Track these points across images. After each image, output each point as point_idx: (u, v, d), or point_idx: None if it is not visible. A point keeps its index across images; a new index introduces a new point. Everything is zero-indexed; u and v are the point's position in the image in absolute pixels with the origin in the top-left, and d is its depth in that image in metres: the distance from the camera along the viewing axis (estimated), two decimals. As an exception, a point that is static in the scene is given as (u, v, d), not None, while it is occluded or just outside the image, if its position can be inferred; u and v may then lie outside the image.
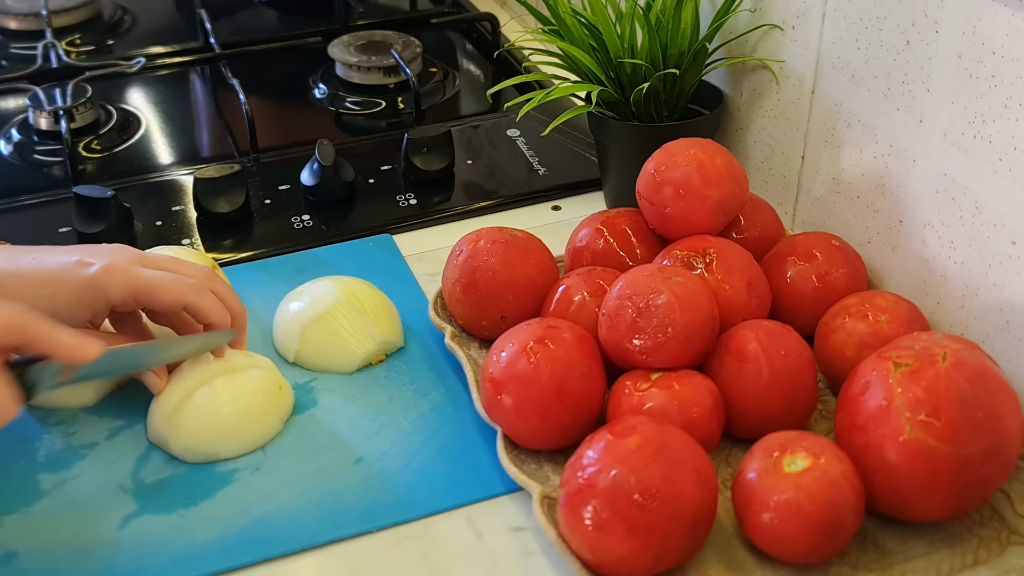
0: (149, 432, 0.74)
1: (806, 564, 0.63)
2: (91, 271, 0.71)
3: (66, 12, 1.36)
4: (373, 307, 0.81)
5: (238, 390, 0.73)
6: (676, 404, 0.68)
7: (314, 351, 0.80)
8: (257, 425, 0.73)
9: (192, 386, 0.73)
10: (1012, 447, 0.62)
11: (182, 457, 0.72)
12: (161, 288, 0.73)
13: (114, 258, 0.72)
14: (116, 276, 0.71)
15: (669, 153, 0.80)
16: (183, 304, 0.73)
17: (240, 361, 0.75)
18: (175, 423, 0.72)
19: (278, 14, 1.42)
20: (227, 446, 0.72)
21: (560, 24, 0.91)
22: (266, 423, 0.74)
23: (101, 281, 0.71)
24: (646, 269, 0.72)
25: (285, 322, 0.82)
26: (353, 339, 0.80)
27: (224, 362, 0.75)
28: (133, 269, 0.72)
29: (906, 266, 0.80)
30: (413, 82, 1.14)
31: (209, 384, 0.73)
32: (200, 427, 0.72)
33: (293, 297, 0.83)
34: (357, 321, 0.80)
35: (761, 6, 0.91)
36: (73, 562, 0.66)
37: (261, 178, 1.03)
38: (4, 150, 1.11)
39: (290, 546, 0.67)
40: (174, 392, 0.73)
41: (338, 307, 0.80)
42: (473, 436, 0.74)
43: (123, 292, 0.71)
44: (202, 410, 0.72)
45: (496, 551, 0.67)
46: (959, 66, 0.72)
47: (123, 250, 0.74)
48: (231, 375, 0.74)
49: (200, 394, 0.73)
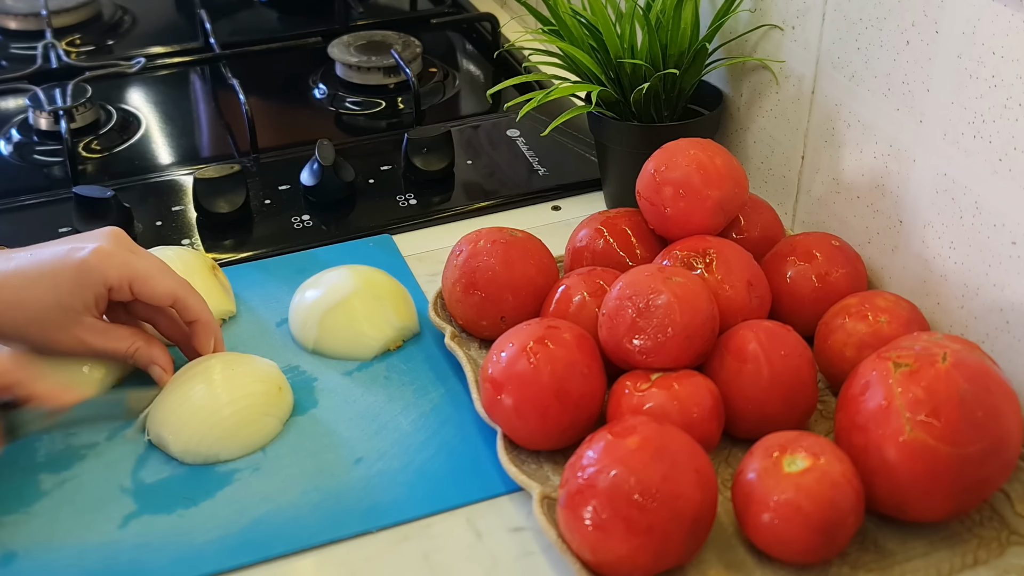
0: (149, 433, 0.74)
1: (806, 564, 0.63)
2: (83, 254, 0.72)
3: (66, 12, 1.36)
4: (389, 294, 0.83)
5: (238, 391, 0.73)
6: (676, 404, 0.68)
7: (333, 339, 0.81)
8: (257, 427, 0.73)
9: (191, 387, 0.73)
10: (1012, 447, 0.62)
11: (182, 459, 0.72)
12: (157, 277, 0.73)
13: (105, 241, 0.73)
14: (110, 259, 0.72)
15: (669, 153, 0.80)
16: (176, 296, 0.74)
17: (240, 361, 0.75)
18: (174, 424, 0.72)
19: (278, 14, 1.42)
20: (227, 448, 0.72)
21: (560, 24, 0.91)
22: (266, 424, 0.74)
23: (94, 262, 0.71)
24: (646, 269, 0.72)
25: (303, 311, 0.82)
26: (371, 326, 0.81)
27: (224, 363, 0.75)
28: (126, 254, 0.73)
29: (906, 266, 0.80)
30: (413, 82, 1.14)
31: (208, 385, 0.73)
32: (200, 429, 0.72)
33: (309, 286, 0.84)
34: (374, 308, 0.81)
35: (761, 6, 0.91)
36: (73, 562, 0.66)
37: (261, 178, 1.03)
38: (4, 150, 1.11)
39: (290, 546, 0.67)
40: (174, 393, 0.73)
41: (355, 295, 0.81)
42: (473, 436, 0.74)
43: (120, 275, 0.72)
44: (202, 411, 0.72)
45: (496, 551, 0.67)
46: (959, 66, 0.72)
47: (114, 233, 0.74)
48: (231, 376, 0.74)
49: (199, 395, 0.73)
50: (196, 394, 0.73)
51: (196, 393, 0.73)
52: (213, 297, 0.83)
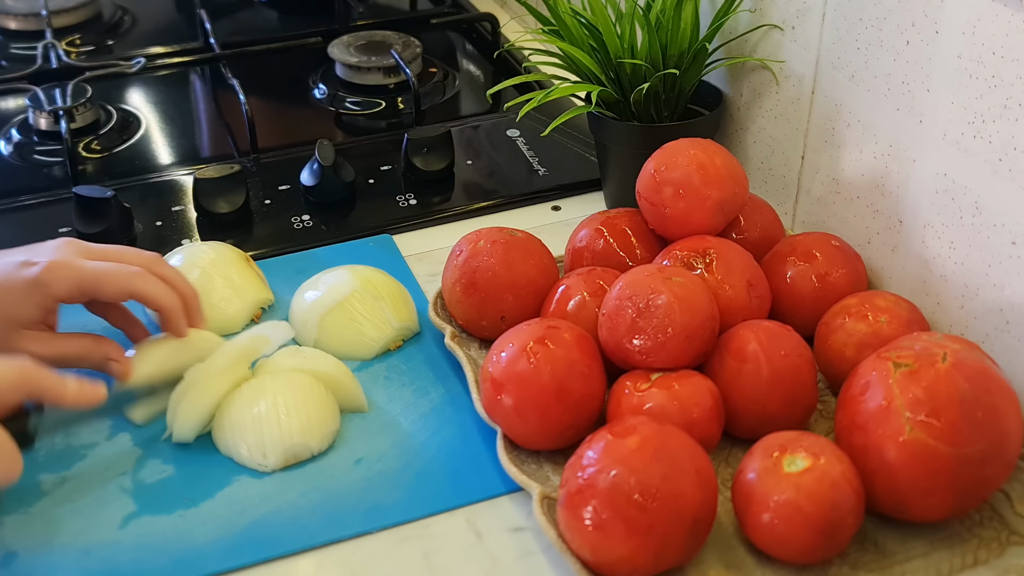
0: (221, 445, 0.73)
1: (806, 564, 0.63)
2: (34, 271, 0.72)
3: (66, 12, 1.36)
4: (389, 294, 0.83)
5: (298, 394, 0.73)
6: (676, 404, 0.68)
7: (333, 339, 0.81)
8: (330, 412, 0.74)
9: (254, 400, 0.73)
10: (1012, 447, 0.62)
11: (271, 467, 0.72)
12: (106, 279, 0.73)
13: (58, 254, 0.73)
14: (60, 272, 0.72)
15: (669, 153, 0.80)
16: (129, 293, 0.74)
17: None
18: (255, 431, 0.72)
19: (278, 14, 1.42)
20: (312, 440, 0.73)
21: (560, 24, 0.91)
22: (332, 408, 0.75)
23: (45, 279, 0.72)
24: (646, 269, 0.72)
25: (302, 311, 0.83)
26: (371, 326, 0.81)
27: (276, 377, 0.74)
28: (77, 262, 0.73)
29: (906, 266, 0.80)
30: (413, 82, 1.14)
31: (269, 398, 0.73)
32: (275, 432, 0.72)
33: (309, 287, 0.84)
34: (374, 308, 0.81)
35: (761, 6, 0.91)
36: (73, 562, 0.66)
37: (261, 178, 1.03)
38: (4, 150, 1.11)
39: (290, 547, 0.67)
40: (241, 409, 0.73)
41: (355, 295, 0.81)
42: (473, 436, 0.74)
43: (68, 287, 0.72)
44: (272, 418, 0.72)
45: (496, 551, 0.67)
46: (959, 66, 0.72)
47: (68, 244, 0.75)
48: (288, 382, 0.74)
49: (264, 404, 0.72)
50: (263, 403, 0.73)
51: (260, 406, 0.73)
52: (251, 287, 0.85)
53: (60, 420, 0.74)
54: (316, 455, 0.73)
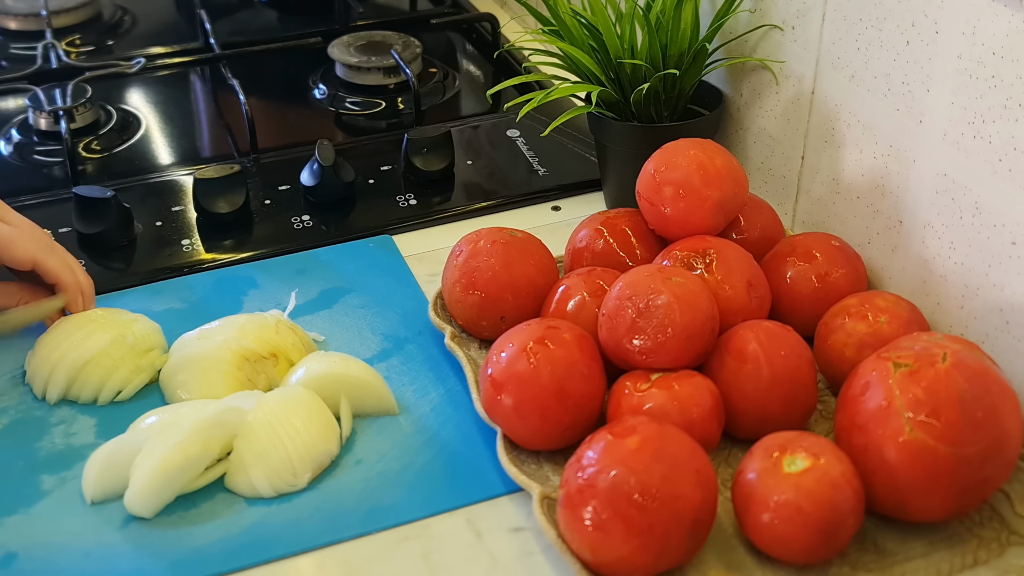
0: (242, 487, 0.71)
1: (806, 564, 0.63)
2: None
3: (66, 12, 1.36)
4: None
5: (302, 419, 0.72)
6: (676, 404, 0.68)
7: None
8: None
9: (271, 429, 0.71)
10: (1012, 447, 0.62)
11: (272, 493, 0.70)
12: (14, 243, 0.75)
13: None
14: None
15: (669, 153, 0.80)
16: (35, 260, 0.76)
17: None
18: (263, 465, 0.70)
19: (278, 14, 1.42)
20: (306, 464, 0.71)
21: (560, 24, 0.91)
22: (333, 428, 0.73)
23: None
24: (646, 269, 0.72)
25: None
26: None
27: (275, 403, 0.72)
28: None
29: (906, 266, 0.80)
30: (413, 82, 1.14)
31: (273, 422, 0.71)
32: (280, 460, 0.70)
33: None
34: None
35: (761, 6, 0.91)
36: (73, 563, 0.66)
37: (261, 178, 1.03)
38: (4, 150, 1.11)
39: (290, 548, 0.67)
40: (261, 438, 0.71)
41: None
42: (473, 436, 0.74)
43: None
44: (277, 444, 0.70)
45: (496, 551, 0.67)
46: (959, 66, 0.72)
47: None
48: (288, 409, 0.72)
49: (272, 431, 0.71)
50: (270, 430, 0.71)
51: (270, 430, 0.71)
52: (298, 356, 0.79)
53: None
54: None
